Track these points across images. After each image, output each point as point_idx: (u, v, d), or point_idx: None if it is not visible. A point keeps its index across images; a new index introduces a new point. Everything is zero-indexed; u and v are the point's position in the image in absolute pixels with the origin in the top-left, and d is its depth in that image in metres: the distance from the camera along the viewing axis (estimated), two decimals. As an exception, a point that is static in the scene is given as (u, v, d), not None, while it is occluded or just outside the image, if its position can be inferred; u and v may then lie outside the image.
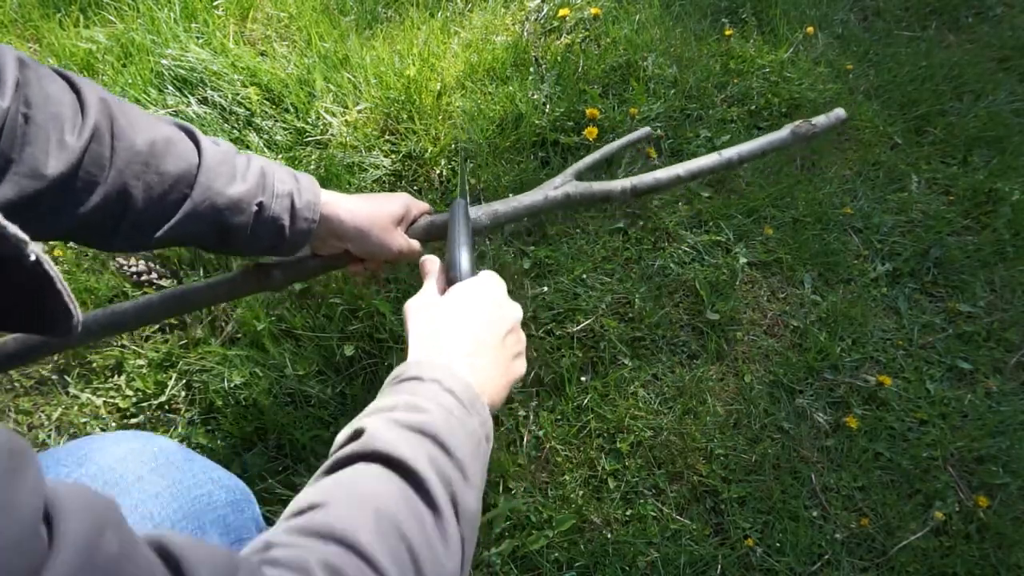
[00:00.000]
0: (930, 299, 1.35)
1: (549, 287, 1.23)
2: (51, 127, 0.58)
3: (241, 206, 0.70)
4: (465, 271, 0.67)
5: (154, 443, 0.62)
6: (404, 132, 1.41)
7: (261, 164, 0.73)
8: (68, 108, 0.59)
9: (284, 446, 1.06)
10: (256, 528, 0.66)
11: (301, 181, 0.75)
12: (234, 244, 0.73)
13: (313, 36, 1.53)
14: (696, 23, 1.71)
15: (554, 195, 0.94)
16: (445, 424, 0.49)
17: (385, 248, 0.82)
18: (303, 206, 0.74)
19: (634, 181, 0.95)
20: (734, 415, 1.16)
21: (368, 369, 1.13)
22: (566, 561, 1.00)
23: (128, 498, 0.56)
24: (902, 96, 1.63)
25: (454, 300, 0.63)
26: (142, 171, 0.63)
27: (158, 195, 0.65)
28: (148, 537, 0.33)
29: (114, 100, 0.64)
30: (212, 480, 0.63)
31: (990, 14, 1.91)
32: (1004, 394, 1.22)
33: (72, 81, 0.62)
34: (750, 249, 1.34)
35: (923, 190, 1.49)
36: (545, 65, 1.56)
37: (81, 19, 1.54)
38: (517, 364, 0.63)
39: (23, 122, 0.56)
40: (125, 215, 0.64)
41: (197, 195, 0.67)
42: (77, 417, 1.08)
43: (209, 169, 0.68)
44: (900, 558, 1.04)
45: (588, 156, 0.99)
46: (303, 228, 0.75)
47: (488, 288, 0.64)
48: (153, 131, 0.65)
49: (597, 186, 0.95)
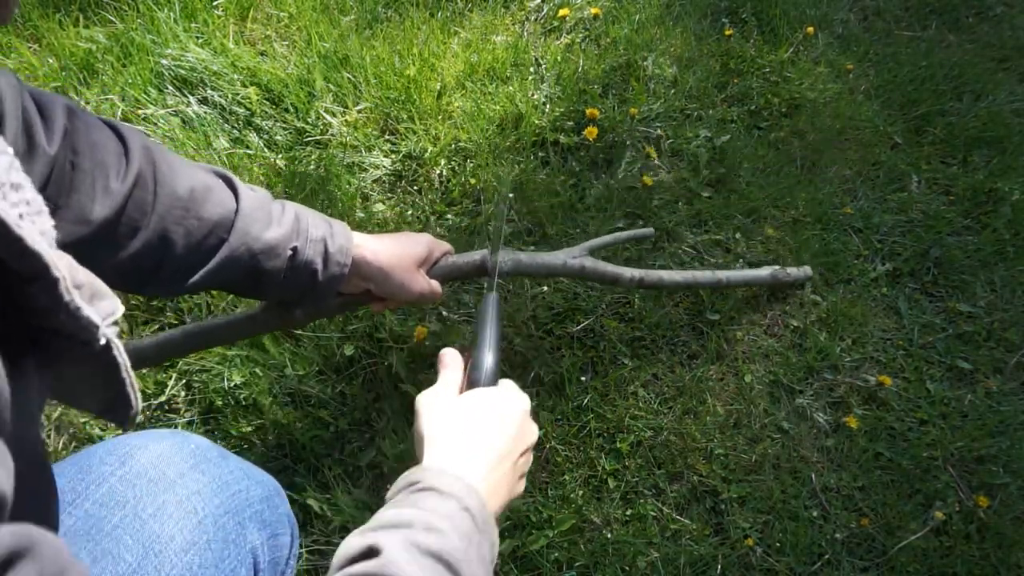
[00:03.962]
0: (930, 299, 1.35)
1: (549, 287, 1.23)
2: (97, 174, 0.60)
3: (277, 251, 0.71)
4: (489, 376, 0.64)
5: (190, 441, 0.63)
6: (404, 132, 1.41)
7: (296, 210, 0.75)
8: (113, 155, 0.61)
9: (284, 446, 1.06)
10: (288, 523, 0.67)
11: (334, 227, 0.76)
12: (267, 289, 0.74)
13: (313, 36, 1.53)
14: (696, 23, 1.71)
15: (572, 263, 1.02)
16: (462, 551, 0.47)
17: (407, 290, 0.82)
18: (336, 251, 0.75)
19: (642, 274, 1.07)
20: (734, 415, 1.16)
21: (368, 369, 1.13)
22: (566, 561, 1.00)
23: (173, 494, 0.58)
24: (902, 96, 1.63)
25: (477, 407, 0.60)
26: (183, 216, 0.65)
27: (197, 240, 0.66)
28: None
29: (156, 147, 0.66)
30: (247, 476, 0.64)
31: (990, 14, 1.91)
32: (1004, 394, 1.22)
33: (117, 129, 0.64)
34: (751, 249, 1.34)
35: (923, 190, 1.49)
36: (545, 65, 1.56)
37: (81, 19, 1.54)
38: (521, 484, 0.61)
39: (70, 169, 0.58)
40: (165, 259, 0.65)
41: (234, 240, 0.68)
42: (77, 417, 1.08)
43: (246, 215, 0.69)
44: (900, 558, 1.04)
45: (600, 238, 1.07)
46: (335, 273, 0.75)
47: (513, 403, 0.61)
48: (193, 178, 0.66)
49: (610, 268, 1.06)
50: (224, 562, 0.57)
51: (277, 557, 0.64)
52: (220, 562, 0.57)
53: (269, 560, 0.62)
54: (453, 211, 1.33)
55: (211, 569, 0.56)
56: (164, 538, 0.55)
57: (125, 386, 0.42)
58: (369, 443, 1.08)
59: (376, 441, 1.07)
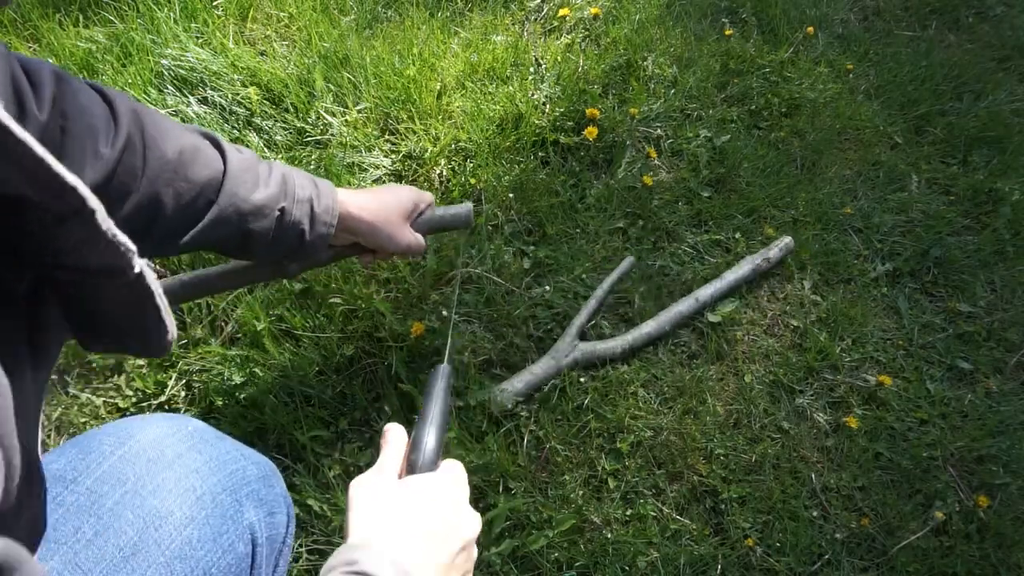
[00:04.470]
0: (930, 299, 1.35)
1: (549, 286, 1.23)
2: (87, 139, 0.59)
3: (264, 212, 0.72)
4: (428, 459, 0.56)
5: (188, 423, 0.64)
6: (404, 132, 1.41)
7: (283, 170, 0.76)
8: (101, 120, 0.61)
9: (284, 445, 1.06)
10: (284, 503, 0.68)
11: (320, 186, 0.78)
12: (255, 249, 0.75)
13: (313, 36, 1.53)
14: (696, 23, 1.71)
15: (566, 361, 1.12)
16: None
17: (394, 241, 0.85)
18: (322, 211, 0.77)
19: (630, 340, 1.16)
20: (734, 415, 1.16)
21: (368, 369, 1.13)
22: (566, 561, 1.00)
23: (171, 472, 0.59)
24: (902, 96, 1.63)
25: (408, 495, 0.52)
26: (172, 179, 0.66)
27: (186, 202, 0.67)
28: None
29: (143, 110, 0.66)
30: (243, 456, 0.65)
31: (990, 14, 1.91)
32: (1004, 394, 1.22)
33: (104, 93, 0.63)
34: (751, 249, 1.34)
35: (923, 190, 1.49)
36: (545, 65, 1.56)
37: (81, 19, 1.54)
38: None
39: (60, 134, 0.58)
40: (155, 222, 0.66)
41: (223, 201, 0.69)
42: (77, 417, 1.08)
43: (234, 176, 0.70)
44: (900, 558, 1.04)
45: (584, 309, 1.17)
46: (322, 232, 0.78)
47: (450, 490, 0.54)
48: (181, 139, 0.67)
49: (600, 347, 1.15)
50: (222, 537, 0.58)
51: (274, 535, 0.65)
52: (218, 536, 0.58)
53: (266, 537, 0.63)
54: (453, 211, 1.33)
55: (209, 543, 0.57)
56: (163, 513, 0.56)
57: (161, 312, 0.42)
58: (369, 443, 1.08)
59: (376, 441, 1.07)
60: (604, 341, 1.17)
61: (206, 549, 0.57)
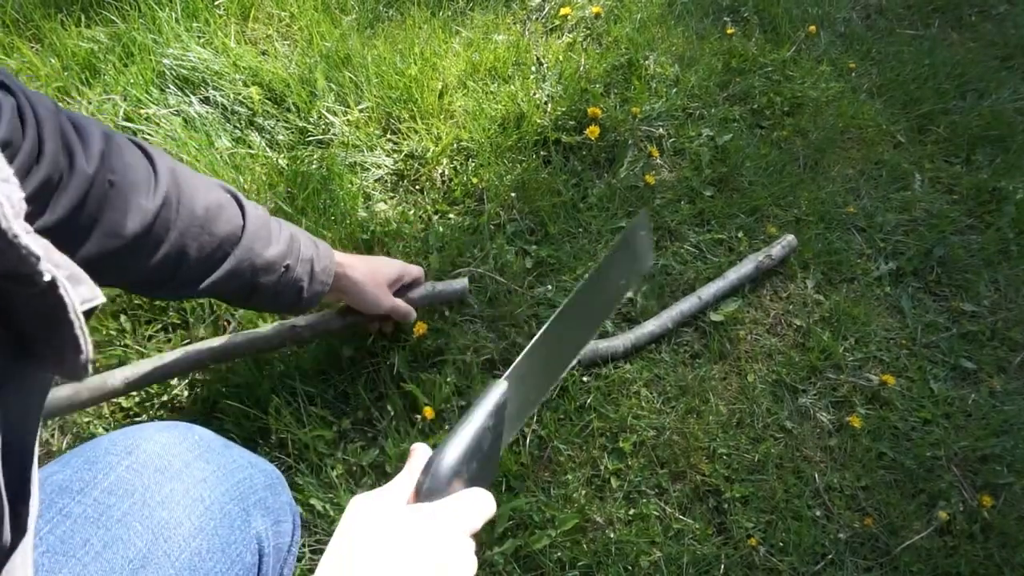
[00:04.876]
0: (934, 298, 1.34)
1: (552, 286, 1.23)
2: (131, 192, 0.67)
3: (274, 267, 0.80)
4: (436, 484, 0.48)
5: (194, 431, 0.65)
6: (406, 131, 1.41)
7: (291, 230, 0.84)
8: (143, 176, 0.68)
9: (287, 445, 1.06)
10: (290, 511, 0.68)
11: (319, 247, 0.86)
12: (257, 301, 0.83)
13: (314, 35, 1.53)
14: (698, 22, 1.71)
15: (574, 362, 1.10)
16: None
17: (378, 303, 0.95)
18: (320, 270, 0.85)
19: (632, 339, 1.17)
20: (737, 414, 1.15)
21: (370, 368, 1.13)
22: (569, 560, 0.99)
23: (180, 482, 0.59)
24: (905, 95, 1.63)
25: (396, 529, 0.46)
26: (199, 233, 0.73)
27: (207, 253, 0.75)
28: None
29: (179, 168, 0.74)
30: (250, 464, 0.66)
31: (993, 12, 1.90)
32: (1008, 393, 1.22)
33: (146, 150, 0.71)
34: (753, 248, 1.33)
35: (926, 189, 1.49)
36: (547, 64, 1.56)
37: (82, 19, 1.54)
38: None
39: (108, 187, 0.65)
40: (180, 268, 0.73)
41: (240, 254, 0.77)
42: (80, 417, 1.08)
43: (251, 232, 0.78)
44: (904, 558, 1.04)
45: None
46: (318, 290, 0.86)
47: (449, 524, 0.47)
48: (208, 196, 0.74)
49: (603, 345, 1.15)
50: (231, 547, 0.58)
51: (280, 544, 0.65)
52: (227, 547, 0.58)
53: (273, 546, 0.63)
54: (455, 211, 1.33)
55: (218, 554, 0.57)
56: (172, 524, 0.56)
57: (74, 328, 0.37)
58: (372, 442, 1.08)
59: (379, 440, 1.07)
60: (606, 340, 1.16)
61: (215, 560, 0.57)
